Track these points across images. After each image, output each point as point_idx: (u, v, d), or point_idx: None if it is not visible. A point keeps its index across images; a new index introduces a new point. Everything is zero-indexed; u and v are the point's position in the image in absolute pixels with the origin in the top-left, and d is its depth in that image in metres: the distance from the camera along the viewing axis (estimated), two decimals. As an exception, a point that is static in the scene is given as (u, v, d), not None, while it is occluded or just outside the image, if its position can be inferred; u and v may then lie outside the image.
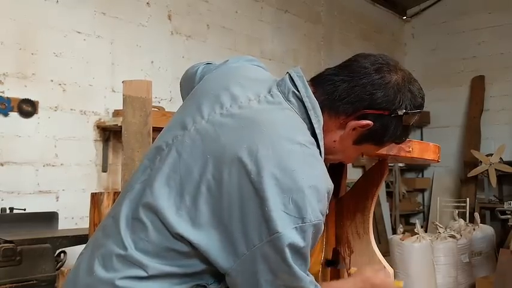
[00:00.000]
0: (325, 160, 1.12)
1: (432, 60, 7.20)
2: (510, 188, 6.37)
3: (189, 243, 0.99)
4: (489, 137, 6.54)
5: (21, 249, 2.42)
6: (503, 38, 6.57)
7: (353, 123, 1.09)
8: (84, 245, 1.17)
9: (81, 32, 3.66)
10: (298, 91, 1.09)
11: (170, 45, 4.22)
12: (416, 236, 4.01)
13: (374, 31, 6.92)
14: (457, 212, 4.94)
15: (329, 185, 1.01)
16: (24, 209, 3.10)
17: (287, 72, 1.14)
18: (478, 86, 6.74)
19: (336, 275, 1.56)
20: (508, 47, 6.53)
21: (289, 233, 0.93)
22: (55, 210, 3.17)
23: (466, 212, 5.42)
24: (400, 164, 6.46)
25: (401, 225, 4.36)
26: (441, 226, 4.41)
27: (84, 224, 3.12)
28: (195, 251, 0.99)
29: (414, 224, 4.19)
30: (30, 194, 3.34)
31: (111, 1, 3.87)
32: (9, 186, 3.24)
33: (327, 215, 1.28)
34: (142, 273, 1.01)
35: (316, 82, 1.13)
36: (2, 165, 3.23)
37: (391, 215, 6.43)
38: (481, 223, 4.78)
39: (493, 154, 6.02)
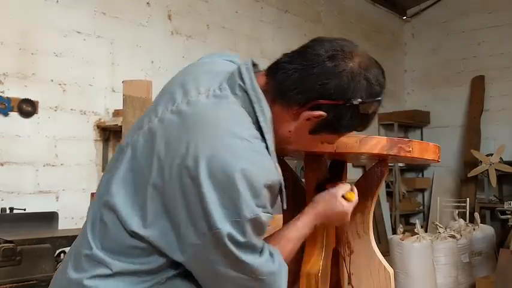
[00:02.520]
0: (283, 150, 1.16)
1: (432, 60, 7.21)
2: (510, 188, 6.37)
3: (145, 239, 1.02)
4: (489, 137, 6.54)
5: (21, 249, 2.42)
6: (503, 38, 6.57)
7: (306, 113, 1.06)
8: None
9: (81, 32, 3.66)
10: (244, 83, 1.07)
11: (170, 45, 4.22)
12: (417, 236, 4.01)
13: (374, 31, 6.92)
14: (457, 212, 4.94)
15: (271, 177, 1.01)
16: (24, 209, 3.10)
17: (238, 65, 1.13)
18: (478, 86, 6.74)
19: (336, 275, 1.56)
20: (508, 47, 6.53)
21: (227, 228, 0.96)
22: (55, 210, 3.17)
23: (466, 212, 5.42)
24: (400, 164, 6.47)
25: (401, 225, 4.36)
26: (441, 226, 4.41)
27: (84, 224, 3.12)
28: (153, 247, 1.02)
29: (414, 224, 4.19)
30: (30, 194, 3.34)
31: (111, 1, 3.87)
32: (9, 186, 3.24)
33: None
34: (107, 272, 1.04)
35: (271, 71, 1.11)
36: (2, 165, 3.24)
37: (391, 215, 6.43)
38: (481, 223, 4.78)
39: (493, 154, 6.02)
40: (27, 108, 3.33)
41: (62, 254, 2.76)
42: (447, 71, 7.05)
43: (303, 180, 1.53)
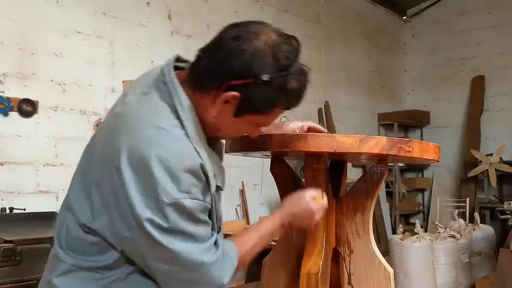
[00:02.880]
0: (217, 137, 1.21)
1: (432, 60, 7.21)
2: (510, 188, 6.37)
3: (97, 233, 1.10)
4: (489, 137, 6.54)
5: (21, 249, 2.42)
6: (503, 38, 6.57)
7: (222, 96, 1.09)
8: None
9: (81, 32, 3.66)
10: (164, 77, 1.13)
11: (170, 45, 4.22)
12: (416, 236, 4.00)
13: (374, 31, 6.91)
14: (457, 212, 4.93)
15: (190, 162, 1.04)
16: (24, 209, 3.10)
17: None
18: (478, 86, 6.74)
19: (336, 275, 1.56)
20: (508, 47, 6.53)
21: (149, 215, 1.01)
22: (55, 210, 3.17)
23: (466, 212, 5.42)
24: (400, 164, 6.47)
25: (401, 225, 4.36)
26: (441, 226, 4.40)
27: (84, 224, 3.13)
28: (106, 242, 1.09)
29: (414, 224, 4.18)
30: (30, 194, 3.34)
31: (111, 1, 3.87)
32: (9, 186, 3.24)
33: (327, 214, 1.29)
34: (69, 268, 1.13)
35: (191, 64, 1.16)
36: (2, 165, 3.24)
37: (391, 215, 6.43)
38: (481, 223, 4.78)
39: (493, 154, 6.02)
40: (27, 108, 3.33)
41: (62, 254, 2.76)
42: (447, 71, 7.04)
43: (303, 180, 1.53)
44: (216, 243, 1.13)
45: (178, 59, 1.21)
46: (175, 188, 1.02)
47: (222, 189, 1.22)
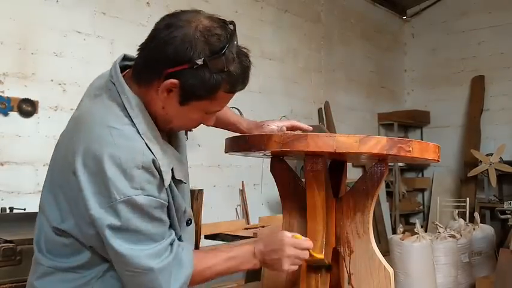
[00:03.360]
0: (172, 129, 1.21)
1: (432, 60, 7.21)
2: (510, 187, 6.37)
3: (68, 234, 1.12)
4: (489, 136, 6.54)
5: (21, 249, 2.41)
6: (503, 38, 6.57)
7: (162, 85, 1.09)
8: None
9: (81, 32, 3.66)
10: (112, 78, 1.15)
11: (170, 45, 4.22)
12: (416, 235, 4.00)
13: (374, 31, 6.92)
14: (457, 211, 4.93)
15: (142, 159, 1.05)
16: (24, 209, 3.10)
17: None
18: (478, 85, 6.74)
19: (336, 275, 1.56)
20: (508, 47, 6.53)
21: (101, 214, 1.03)
22: (55, 210, 3.18)
23: (466, 211, 5.41)
24: (400, 164, 6.47)
25: (401, 225, 4.36)
26: (441, 226, 4.40)
27: (84, 224, 3.12)
28: (78, 241, 1.11)
29: (414, 224, 4.18)
30: (30, 193, 3.34)
31: (111, 1, 3.87)
32: (9, 186, 3.24)
33: (327, 214, 1.27)
34: (47, 270, 1.14)
35: (135, 61, 1.17)
36: (2, 165, 3.24)
37: (391, 214, 6.43)
38: (481, 223, 4.77)
39: (493, 154, 6.02)
40: (27, 108, 3.33)
41: (62, 254, 2.76)
42: (447, 71, 7.05)
43: (303, 180, 1.53)
44: (171, 245, 1.12)
45: (126, 58, 1.22)
46: (128, 185, 1.03)
47: (184, 183, 1.22)
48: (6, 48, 3.28)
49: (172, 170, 1.14)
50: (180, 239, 1.20)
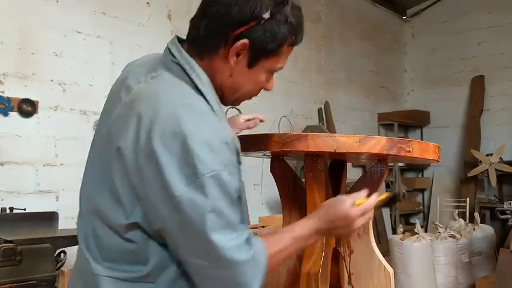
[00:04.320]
0: (236, 100, 1.17)
1: (432, 60, 7.21)
2: (510, 188, 6.37)
3: (133, 232, 1.02)
4: (489, 137, 6.54)
5: (21, 249, 2.42)
6: (503, 38, 6.57)
7: (231, 50, 1.07)
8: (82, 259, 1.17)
9: (81, 32, 3.66)
10: (174, 57, 1.11)
11: (170, 45, 4.22)
12: (416, 235, 4.01)
13: (374, 31, 6.92)
14: (457, 212, 4.94)
15: (223, 134, 1.01)
16: (24, 209, 3.10)
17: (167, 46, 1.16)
18: (478, 85, 6.74)
19: (336, 275, 1.56)
20: (508, 47, 6.53)
21: (187, 193, 0.95)
22: (55, 210, 3.17)
23: (466, 212, 5.42)
24: (400, 164, 6.46)
25: (401, 225, 4.36)
26: (441, 226, 4.41)
27: (84, 224, 3.12)
28: (143, 240, 1.02)
29: (414, 224, 4.19)
30: (30, 194, 3.34)
31: (111, 1, 3.87)
32: (9, 186, 3.24)
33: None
34: (111, 282, 1.05)
35: (187, 37, 1.15)
36: (2, 165, 3.23)
37: (391, 215, 6.43)
38: (481, 223, 4.78)
39: (493, 154, 6.02)
40: (27, 108, 3.33)
41: (62, 254, 2.76)
42: (447, 71, 7.05)
43: (303, 180, 1.53)
44: (248, 239, 1.03)
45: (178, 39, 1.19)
46: (216, 159, 0.97)
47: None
48: (6, 48, 3.28)
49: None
50: None
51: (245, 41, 1.06)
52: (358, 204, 1.19)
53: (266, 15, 1.07)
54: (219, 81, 1.11)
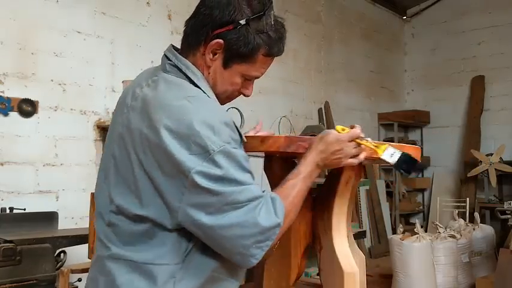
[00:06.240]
0: (220, 98, 1.24)
1: (432, 60, 7.21)
2: (510, 188, 6.37)
3: (148, 219, 1.12)
4: (489, 137, 6.54)
5: (21, 249, 2.42)
6: (503, 38, 6.57)
7: (208, 47, 1.19)
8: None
9: (81, 32, 3.66)
10: (170, 60, 1.23)
11: (170, 45, 4.22)
12: (416, 235, 4.00)
13: (374, 31, 6.92)
14: (457, 211, 4.93)
15: (224, 116, 1.12)
16: (24, 209, 3.10)
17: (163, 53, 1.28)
18: (478, 86, 6.74)
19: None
20: (508, 47, 6.53)
21: (202, 168, 1.05)
22: (55, 210, 3.18)
23: (466, 211, 5.41)
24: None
25: (401, 225, 4.36)
26: (441, 226, 4.40)
27: (84, 224, 3.12)
28: (156, 226, 1.12)
29: (414, 224, 4.19)
30: (30, 194, 3.34)
31: (111, 1, 3.87)
32: (9, 186, 3.24)
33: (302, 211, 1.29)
34: (125, 264, 1.15)
35: (182, 36, 1.26)
36: (2, 165, 3.24)
37: (391, 214, 6.44)
38: (481, 223, 4.78)
39: (493, 154, 6.02)
40: (27, 108, 3.33)
41: (62, 254, 2.76)
42: (447, 71, 7.05)
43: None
44: (272, 201, 1.15)
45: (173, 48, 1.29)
46: (219, 138, 1.07)
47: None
48: (6, 48, 3.28)
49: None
50: None
51: (220, 41, 1.17)
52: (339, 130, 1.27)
53: (242, 22, 1.16)
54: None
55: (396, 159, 1.26)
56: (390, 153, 1.27)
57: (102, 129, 3.69)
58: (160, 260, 1.12)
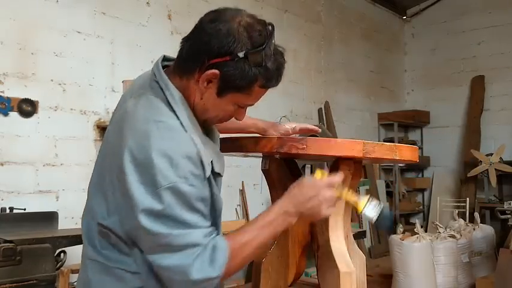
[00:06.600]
0: (205, 121, 1.23)
1: (432, 60, 7.21)
2: (510, 188, 6.37)
3: (111, 231, 1.15)
4: (489, 137, 6.54)
5: (21, 249, 2.42)
6: (503, 38, 6.57)
7: (204, 75, 1.14)
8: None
9: (81, 32, 3.66)
10: (155, 76, 1.20)
11: (170, 45, 4.22)
12: (416, 235, 4.01)
13: (374, 31, 6.92)
14: (457, 211, 4.93)
15: (187, 149, 1.09)
16: (24, 209, 3.10)
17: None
18: (478, 86, 6.74)
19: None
20: (508, 47, 6.53)
21: (147, 204, 1.05)
22: (55, 210, 3.18)
23: (466, 211, 5.41)
24: (400, 164, 6.47)
25: (401, 225, 4.36)
26: (441, 226, 4.41)
27: (84, 224, 3.12)
28: (119, 239, 1.14)
29: (414, 224, 4.19)
30: (30, 193, 3.34)
31: (111, 1, 3.87)
32: (9, 186, 3.24)
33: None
34: (101, 267, 1.19)
35: (177, 54, 1.23)
36: (2, 165, 3.24)
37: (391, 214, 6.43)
38: (481, 223, 4.78)
39: (493, 154, 6.02)
40: (27, 108, 3.33)
41: (62, 254, 2.76)
42: (447, 71, 7.05)
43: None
44: (213, 246, 1.10)
45: (165, 59, 1.26)
46: (173, 173, 1.06)
47: (221, 176, 1.23)
48: (6, 48, 3.28)
49: (211, 162, 1.17)
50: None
51: (216, 71, 1.13)
52: (317, 176, 1.21)
53: (241, 55, 1.12)
54: (192, 101, 1.19)
55: (377, 215, 1.23)
56: (372, 207, 1.23)
57: (102, 129, 3.69)
58: (130, 268, 1.15)
